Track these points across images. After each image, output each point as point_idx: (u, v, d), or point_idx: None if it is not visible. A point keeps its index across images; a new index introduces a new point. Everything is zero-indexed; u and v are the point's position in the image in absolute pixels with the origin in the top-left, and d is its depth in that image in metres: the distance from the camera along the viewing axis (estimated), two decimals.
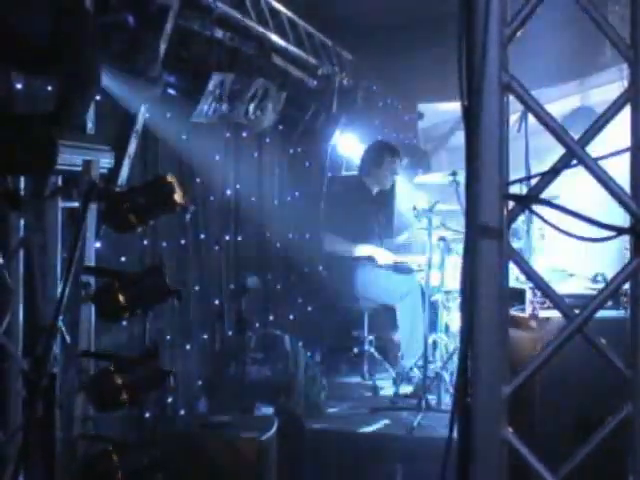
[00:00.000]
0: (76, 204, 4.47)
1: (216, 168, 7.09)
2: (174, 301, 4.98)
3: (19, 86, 4.48)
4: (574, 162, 2.57)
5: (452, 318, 7.67)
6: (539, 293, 4.93)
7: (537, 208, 2.65)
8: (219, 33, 6.33)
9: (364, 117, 9.92)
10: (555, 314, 4.82)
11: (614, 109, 2.61)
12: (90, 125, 4.86)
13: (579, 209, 2.55)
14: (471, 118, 2.51)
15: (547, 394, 4.64)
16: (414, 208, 7.59)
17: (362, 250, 8.18)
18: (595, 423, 2.67)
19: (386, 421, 6.84)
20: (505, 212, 2.56)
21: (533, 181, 2.67)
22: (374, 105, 10.41)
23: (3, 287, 4.37)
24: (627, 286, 2.73)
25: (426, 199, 7.87)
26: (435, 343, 7.55)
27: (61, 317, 4.16)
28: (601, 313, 2.69)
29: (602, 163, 2.60)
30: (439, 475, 2.72)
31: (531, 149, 6.48)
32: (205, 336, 6.78)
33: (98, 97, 4.93)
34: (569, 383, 4.64)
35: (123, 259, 5.57)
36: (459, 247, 7.41)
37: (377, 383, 7.81)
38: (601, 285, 5.28)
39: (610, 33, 2.61)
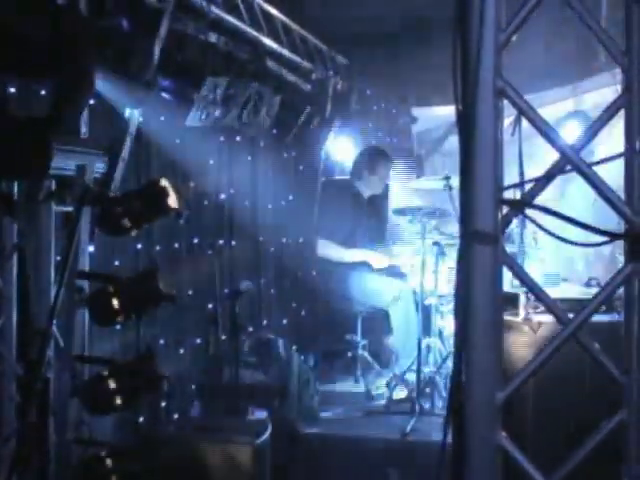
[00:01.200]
0: (70, 208, 4.47)
1: (210, 172, 7.09)
2: (168, 305, 4.98)
3: (12, 90, 4.48)
4: (568, 167, 2.57)
5: (445, 322, 7.67)
6: (533, 298, 4.93)
7: (531, 213, 2.66)
8: (213, 37, 6.32)
9: (358, 121, 9.92)
10: (549, 319, 4.82)
11: (608, 115, 2.62)
12: (84, 129, 4.86)
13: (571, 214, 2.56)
14: (466, 123, 2.52)
15: (541, 398, 4.63)
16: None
17: (356, 255, 8.17)
18: (589, 428, 2.68)
19: (379, 425, 6.82)
20: (499, 217, 2.57)
21: (527, 186, 2.68)
22: (368, 109, 10.41)
23: None
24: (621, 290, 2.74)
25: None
26: (428, 347, 7.54)
27: (55, 321, 4.16)
28: (595, 317, 2.70)
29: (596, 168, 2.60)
30: (432, 478, 2.73)
31: (525, 153, 6.48)
32: (199, 340, 6.77)
33: (92, 101, 4.93)
34: (564, 387, 4.64)
35: (117, 263, 5.56)
36: (453, 251, 7.41)
37: (370, 387, 7.79)
38: (594, 289, 5.29)
39: (604, 39, 2.62)
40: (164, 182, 4.40)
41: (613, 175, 2.74)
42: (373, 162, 8.55)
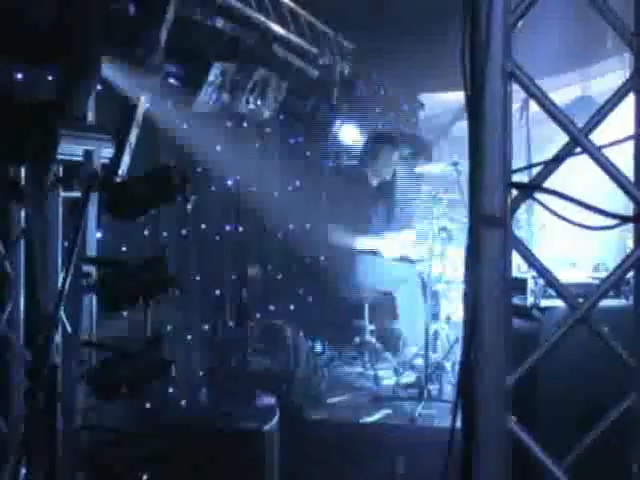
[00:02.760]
0: (77, 194, 4.47)
1: (217, 158, 7.09)
2: (175, 291, 4.97)
3: (19, 75, 4.48)
4: (578, 150, 2.56)
5: (453, 308, 7.66)
6: (541, 282, 4.92)
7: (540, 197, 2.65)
8: (220, 23, 6.31)
9: (365, 107, 9.91)
10: (557, 303, 4.81)
11: (617, 97, 2.60)
12: (91, 115, 4.85)
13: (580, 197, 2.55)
14: (474, 106, 2.50)
15: (551, 383, 4.62)
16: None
17: (366, 243, 8.16)
18: (600, 412, 2.67)
19: (387, 411, 6.83)
20: (508, 201, 2.56)
21: (535, 170, 2.66)
22: (375, 94, 10.40)
23: (4, 277, 4.37)
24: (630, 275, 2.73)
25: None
26: (436, 333, 7.54)
27: (62, 307, 4.16)
28: (604, 302, 2.68)
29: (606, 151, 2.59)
30: (441, 465, 2.72)
31: (532, 138, 6.47)
32: (206, 326, 6.78)
33: (99, 87, 4.93)
34: (573, 372, 4.63)
35: (124, 249, 5.56)
36: (461, 237, 7.40)
37: (378, 373, 7.80)
38: (603, 274, 5.27)
39: (613, 20, 2.60)
40: (171, 167, 4.39)
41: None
42: (380, 148, 8.54)
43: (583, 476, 2.68)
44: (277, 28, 7.27)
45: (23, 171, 4.28)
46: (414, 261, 8.11)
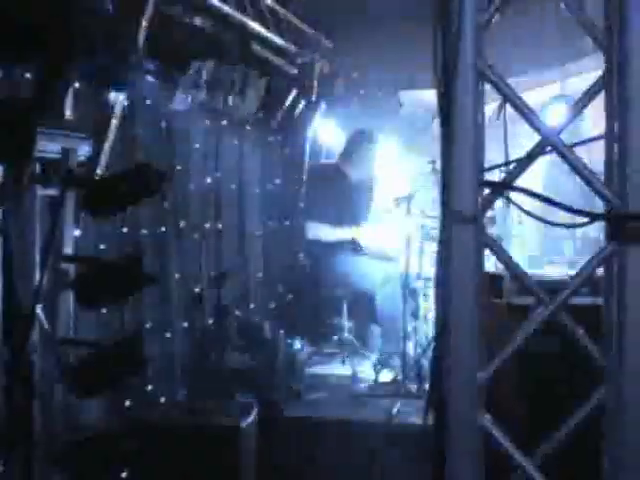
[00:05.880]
0: (55, 192, 4.46)
1: (196, 156, 7.09)
2: (154, 289, 4.97)
3: None
4: (548, 149, 2.58)
5: (431, 305, 7.68)
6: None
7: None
8: (199, 20, 6.31)
9: (344, 104, 9.92)
10: (532, 300, 4.83)
11: (588, 96, 2.62)
12: (69, 112, 4.84)
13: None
14: (446, 106, 2.52)
15: (523, 380, 4.65)
16: None
17: (344, 233, 8.17)
18: (570, 407, 2.70)
19: (365, 408, 6.85)
20: (480, 199, 2.58)
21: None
22: (354, 92, 10.41)
23: None
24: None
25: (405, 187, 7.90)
26: (415, 330, 7.57)
27: (40, 305, 4.16)
28: (577, 300, 2.71)
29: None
30: (418, 462, 2.75)
31: (511, 136, 6.48)
32: (185, 324, 6.77)
33: (77, 84, 4.92)
34: (544, 368, 4.66)
35: (102, 247, 5.55)
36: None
37: (357, 370, 7.81)
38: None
39: (585, 21, 2.62)
40: (149, 165, 4.39)
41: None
42: (363, 147, 8.54)
43: (555, 470, 2.71)
44: (256, 26, 7.27)
45: (0, 169, 4.27)
46: (393, 259, 8.13)
